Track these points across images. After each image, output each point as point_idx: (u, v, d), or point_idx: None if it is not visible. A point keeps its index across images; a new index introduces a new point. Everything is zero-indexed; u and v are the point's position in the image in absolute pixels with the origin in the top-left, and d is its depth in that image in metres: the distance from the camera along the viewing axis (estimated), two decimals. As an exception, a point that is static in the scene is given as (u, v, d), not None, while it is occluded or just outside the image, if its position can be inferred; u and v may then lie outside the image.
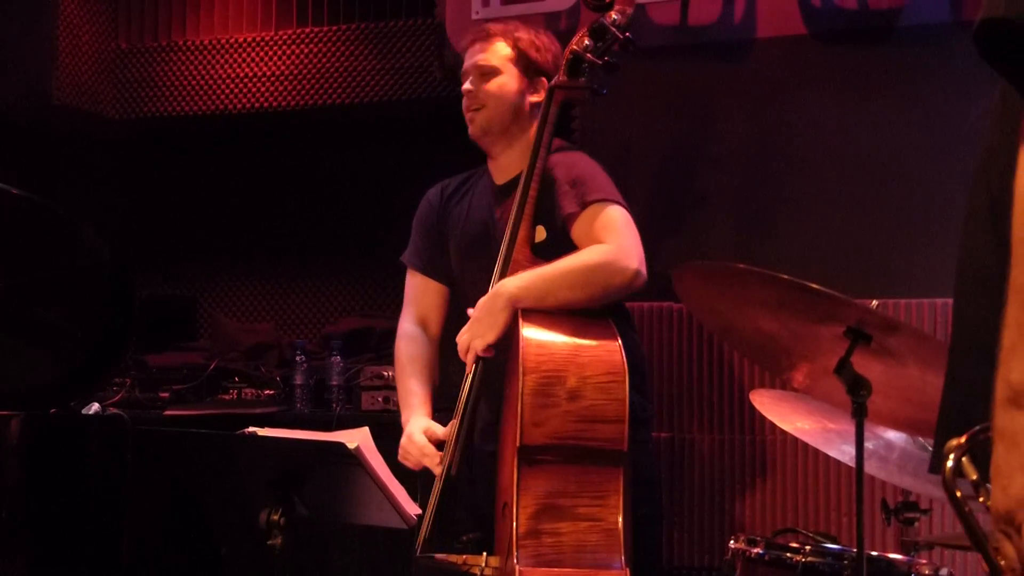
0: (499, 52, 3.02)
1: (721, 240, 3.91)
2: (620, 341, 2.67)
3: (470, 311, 2.83)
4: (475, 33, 3.11)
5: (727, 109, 3.96)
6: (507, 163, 3.05)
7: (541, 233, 2.88)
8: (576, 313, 2.75)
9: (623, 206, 2.88)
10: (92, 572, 3.34)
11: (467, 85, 3.03)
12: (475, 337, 2.79)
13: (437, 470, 2.82)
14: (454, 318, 3.10)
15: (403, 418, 3.03)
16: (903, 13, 3.71)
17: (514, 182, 2.96)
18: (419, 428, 2.92)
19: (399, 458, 2.92)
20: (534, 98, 3.01)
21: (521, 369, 2.58)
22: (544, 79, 3.02)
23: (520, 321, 2.68)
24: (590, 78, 2.89)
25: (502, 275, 2.81)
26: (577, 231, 2.86)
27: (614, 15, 2.85)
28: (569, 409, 2.58)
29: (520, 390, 2.56)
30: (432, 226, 3.17)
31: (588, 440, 2.58)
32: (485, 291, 2.83)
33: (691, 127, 4.02)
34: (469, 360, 2.81)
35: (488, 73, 3.01)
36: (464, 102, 3.04)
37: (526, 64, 3.01)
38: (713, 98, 3.99)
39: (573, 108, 3.85)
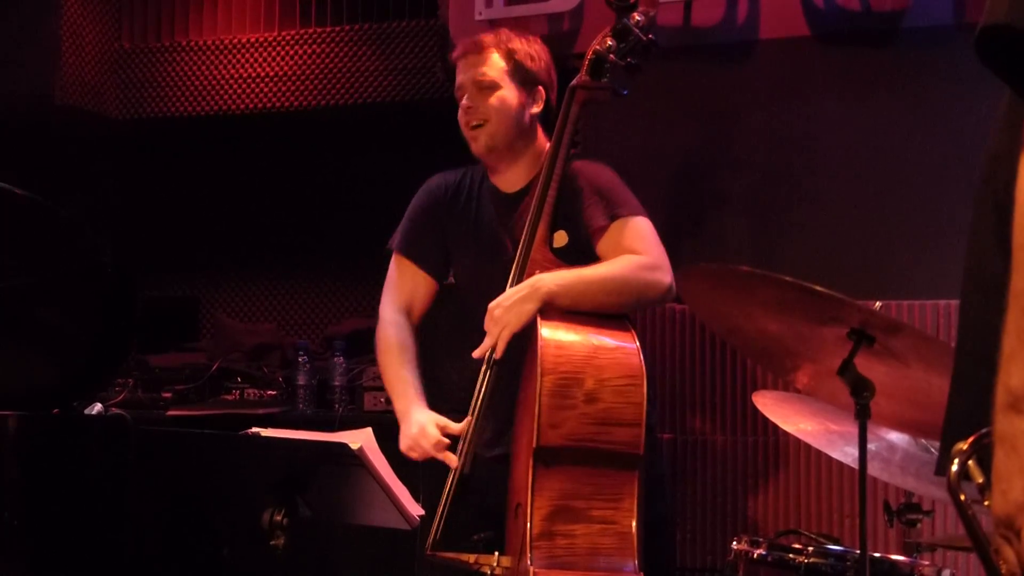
0: (496, 65, 2.95)
1: (724, 241, 3.90)
2: (638, 344, 2.66)
3: (492, 305, 2.76)
4: (466, 45, 3.02)
5: (730, 111, 3.96)
6: (514, 177, 2.99)
7: (562, 238, 2.85)
8: (594, 316, 2.72)
9: (648, 219, 2.87)
10: (94, 573, 3.34)
11: (466, 101, 2.95)
12: (503, 327, 2.71)
13: (453, 463, 2.77)
14: (455, 322, 3.08)
15: (398, 406, 2.95)
16: (906, 15, 3.71)
17: (524, 191, 2.95)
18: (431, 421, 2.84)
19: (404, 448, 2.85)
20: (534, 109, 2.97)
21: (539, 370, 2.56)
22: (541, 88, 2.98)
23: (539, 321, 2.66)
24: (612, 79, 2.86)
25: (520, 275, 2.77)
26: (604, 244, 2.83)
27: (637, 16, 2.82)
28: (586, 411, 2.56)
29: (538, 391, 2.54)
30: (436, 219, 3.09)
31: (604, 443, 2.57)
32: None
33: (694, 129, 4.02)
34: (497, 345, 2.74)
35: (487, 87, 2.94)
36: (463, 118, 2.96)
37: (523, 76, 2.96)
38: (716, 100, 3.98)
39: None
